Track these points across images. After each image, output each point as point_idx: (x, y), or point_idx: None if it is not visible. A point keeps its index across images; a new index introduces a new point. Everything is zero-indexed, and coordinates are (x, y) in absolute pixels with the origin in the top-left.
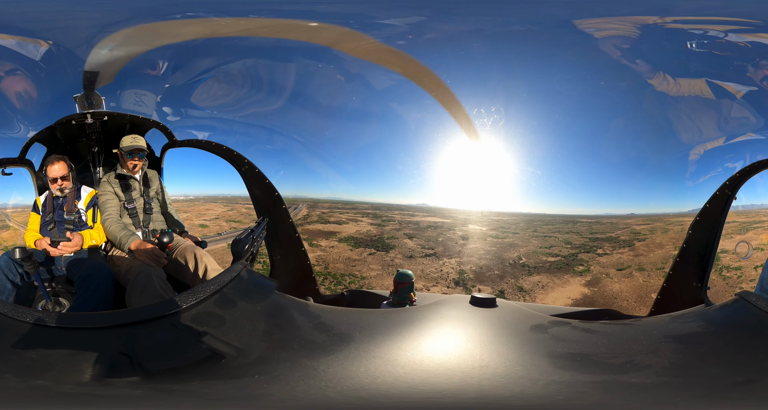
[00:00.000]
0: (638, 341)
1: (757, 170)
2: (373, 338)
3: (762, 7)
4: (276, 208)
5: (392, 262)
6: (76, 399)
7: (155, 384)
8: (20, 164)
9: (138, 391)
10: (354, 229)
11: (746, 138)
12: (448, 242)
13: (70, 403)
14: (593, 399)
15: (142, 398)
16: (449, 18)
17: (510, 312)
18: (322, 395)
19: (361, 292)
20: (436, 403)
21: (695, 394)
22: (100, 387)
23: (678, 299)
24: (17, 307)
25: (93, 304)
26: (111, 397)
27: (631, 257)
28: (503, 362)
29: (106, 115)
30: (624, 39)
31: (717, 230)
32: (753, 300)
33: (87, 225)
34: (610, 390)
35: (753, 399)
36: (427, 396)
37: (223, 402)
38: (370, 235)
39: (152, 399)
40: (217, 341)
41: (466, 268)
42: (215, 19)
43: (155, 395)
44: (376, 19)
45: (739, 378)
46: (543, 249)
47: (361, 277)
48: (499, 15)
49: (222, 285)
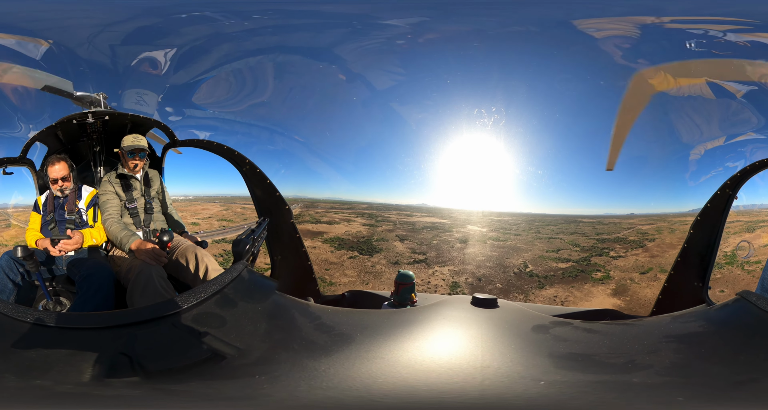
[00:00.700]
0: (640, 341)
1: (758, 169)
2: (374, 339)
3: (760, 7)
4: (277, 208)
5: (372, 268)
6: (75, 398)
7: (155, 384)
8: (21, 163)
9: (137, 391)
10: (344, 230)
11: (747, 137)
12: (443, 246)
13: (69, 403)
14: (596, 399)
15: (141, 398)
16: (451, 18)
17: (511, 312)
18: (324, 395)
19: (362, 293)
20: (439, 403)
21: (696, 394)
22: (100, 387)
23: (679, 298)
24: (18, 307)
25: (94, 304)
26: (110, 397)
27: (647, 259)
28: (505, 362)
29: (108, 114)
30: (624, 39)
31: (718, 229)
32: (754, 300)
33: (87, 225)
34: (613, 390)
35: (753, 398)
36: (430, 396)
37: (223, 402)
38: (358, 236)
39: (151, 399)
40: (218, 341)
41: (461, 279)
42: (218, 19)
43: (154, 395)
44: (378, 20)
45: (739, 377)
46: (550, 253)
47: (329, 282)
48: (499, 16)
49: (223, 286)
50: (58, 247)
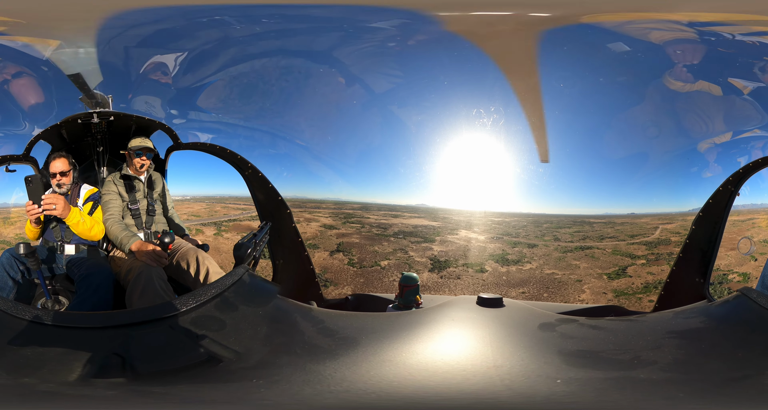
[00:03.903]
0: (643, 337)
1: (761, 166)
2: (381, 341)
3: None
4: (279, 212)
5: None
6: (52, 397)
7: (139, 386)
8: (24, 161)
9: (120, 392)
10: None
11: (752, 134)
12: (379, 281)
13: (46, 401)
14: (610, 397)
15: (121, 399)
16: (430, 20)
17: (517, 311)
18: (335, 398)
19: (365, 296)
20: (459, 404)
21: (695, 389)
22: (83, 386)
23: (681, 294)
24: (17, 304)
25: (91, 304)
26: (89, 397)
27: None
28: (518, 361)
29: (113, 115)
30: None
31: (720, 226)
32: (754, 297)
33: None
34: (623, 387)
35: (746, 396)
36: (448, 397)
37: (216, 405)
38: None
39: (132, 400)
40: (216, 344)
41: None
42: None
43: (135, 396)
44: (365, 23)
45: (734, 374)
46: (615, 281)
47: None
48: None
49: (223, 289)
50: (43, 206)
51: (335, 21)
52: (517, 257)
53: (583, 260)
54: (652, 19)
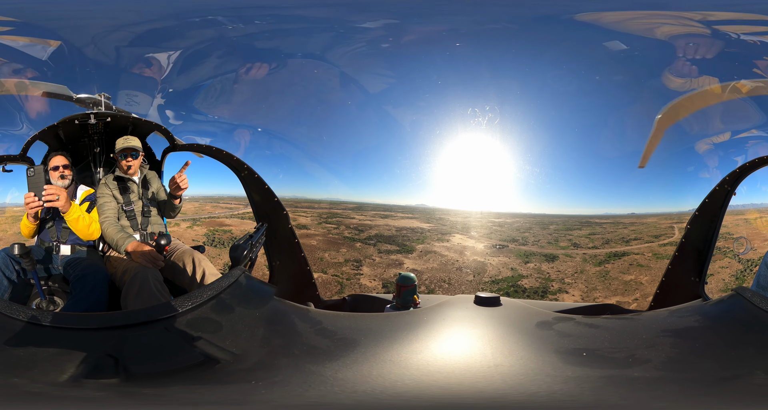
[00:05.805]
0: (639, 335)
1: (757, 166)
2: (380, 341)
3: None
4: (275, 213)
5: None
6: (38, 398)
7: (130, 387)
8: (21, 161)
9: (109, 393)
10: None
11: (749, 134)
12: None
13: (32, 402)
14: (608, 395)
15: (110, 400)
16: (418, 20)
17: (515, 309)
18: (334, 399)
19: (363, 296)
20: (459, 403)
21: (688, 388)
22: (73, 387)
23: (677, 293)
24: (11, 304)
25: (86, 305)
26: (76, 398)
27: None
28: (516, 360)
29: (109, 116)
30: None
31: (716, 225)
32: (749, 296)
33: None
34: (619, 386)
35: (737, 394)
36: (449, 395)
37: (212, 406)
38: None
39: (122, 401)
40: (211, 346)
41: None
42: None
43: (125, 397)
44: (354, 23)
45: (727, 373)
46: None
47: None
48: (466, 14)
49: (219, 290)
50: (45, 197)
51: (323, 21)
52: (540, 283)
53: (631, 270)
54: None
